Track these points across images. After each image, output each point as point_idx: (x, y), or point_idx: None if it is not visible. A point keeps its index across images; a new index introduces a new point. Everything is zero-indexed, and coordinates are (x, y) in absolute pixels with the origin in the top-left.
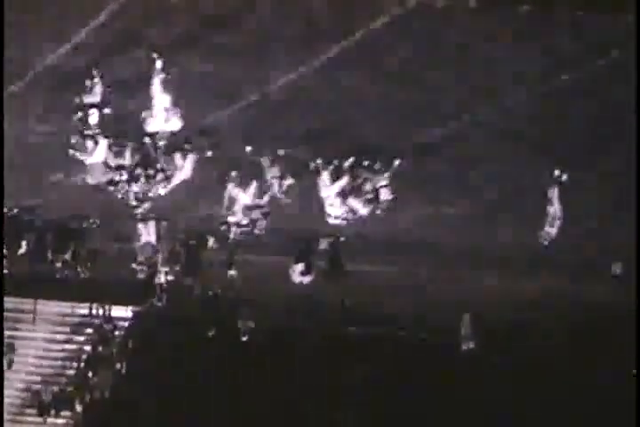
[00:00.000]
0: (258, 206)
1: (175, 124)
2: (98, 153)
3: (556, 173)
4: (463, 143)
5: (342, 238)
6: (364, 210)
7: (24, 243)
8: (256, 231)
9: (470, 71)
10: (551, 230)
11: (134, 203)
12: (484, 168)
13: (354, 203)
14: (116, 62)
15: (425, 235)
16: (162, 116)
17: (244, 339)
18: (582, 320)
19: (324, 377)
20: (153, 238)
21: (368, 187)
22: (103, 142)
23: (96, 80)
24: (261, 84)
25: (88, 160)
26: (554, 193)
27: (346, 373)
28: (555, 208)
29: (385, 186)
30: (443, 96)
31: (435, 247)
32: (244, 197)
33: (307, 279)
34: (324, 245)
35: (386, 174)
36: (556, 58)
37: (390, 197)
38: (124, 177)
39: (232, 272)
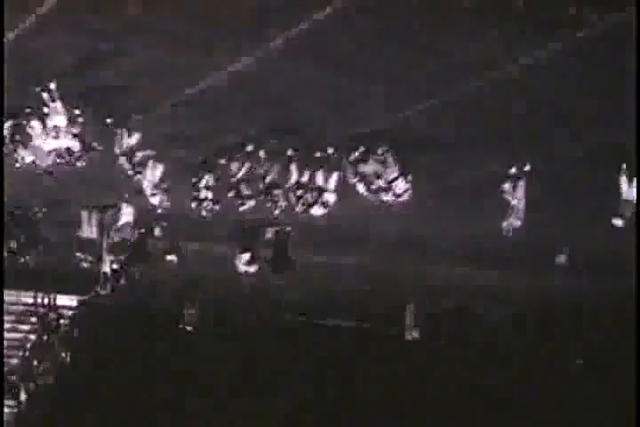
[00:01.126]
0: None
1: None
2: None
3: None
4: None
5: (288, 228)
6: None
7: None
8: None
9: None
10: (515, 222)
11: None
12: (444, 155)
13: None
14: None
15: (370, 224)
16: None
17: (189, 328)
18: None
19: (265, 366)
20: (94, 232)
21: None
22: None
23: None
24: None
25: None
26: (518, 185)
27: (287, 362)
28: (518, 199)
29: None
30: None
31: (380, 236)
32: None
33: (252, 269)
34: (269, 234)
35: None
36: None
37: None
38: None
39: (171, 257)
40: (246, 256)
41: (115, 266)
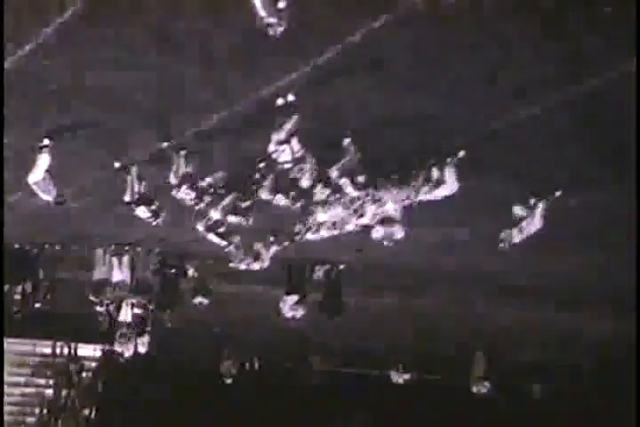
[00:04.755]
0: None
1: None
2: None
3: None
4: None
5: (341, 266)
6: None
7: None
8: None
9: None
10: (515, 233)
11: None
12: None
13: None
14: None
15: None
16: None
17: (229, 382)
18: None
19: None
20: (126, 275)
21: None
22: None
23: None
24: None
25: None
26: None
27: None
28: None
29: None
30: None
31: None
32: None
33: (299, 313)
34: (319, 273)
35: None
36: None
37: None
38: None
39: (200, 299)
40: (293, 299)
41: (137, 310)
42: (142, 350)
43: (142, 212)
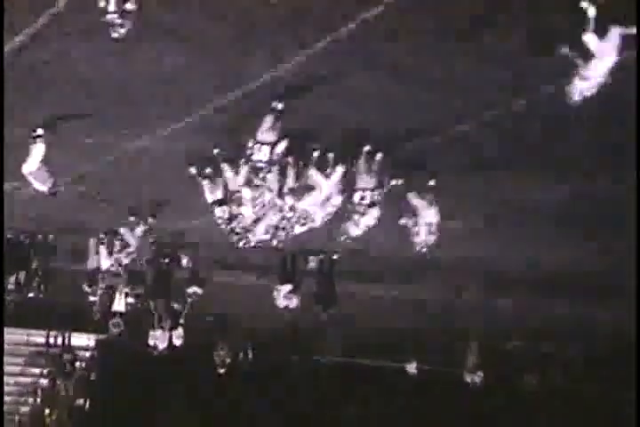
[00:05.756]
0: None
1: None
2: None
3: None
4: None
5: (334, 256)
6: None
7: None
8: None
9: None
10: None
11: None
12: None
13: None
14: None
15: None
16: None
17: (221, 371)
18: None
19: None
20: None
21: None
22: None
23: None
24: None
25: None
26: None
27: (338, 410)
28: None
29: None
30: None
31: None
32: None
33: (293, 303)
34: (313, 263)
35: None
36: None
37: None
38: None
39: (194, 289)
40: (286, 288)
41: (131, 300)
42: (177, 342)
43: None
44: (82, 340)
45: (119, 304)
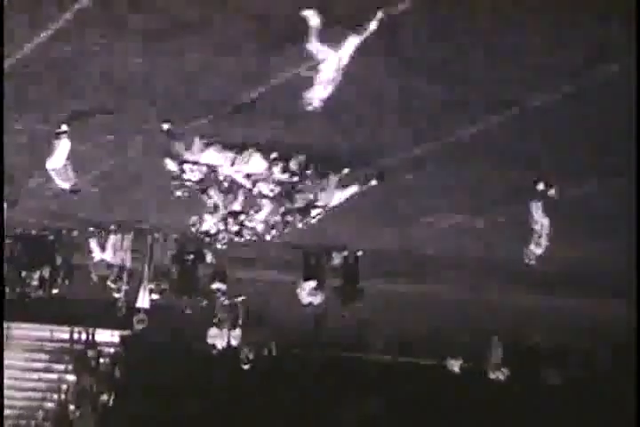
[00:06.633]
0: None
1: None
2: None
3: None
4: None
5: (359, 253)
6: None
7: None
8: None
9: None
10: (536, 249)
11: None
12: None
13: None
14: None
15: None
16: None
17: (246, 367)
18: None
19: (333, 411)
20: (109, 255)
21: None
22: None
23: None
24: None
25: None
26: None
27: (358, 407)
28: (540, 225)
29: None
30: None
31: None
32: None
33: (317, 299)
34: (337, 260)
35: None
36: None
37: None
38: None
39: (218, 285)
40: (311, 285)
41: (155, 296)
42: (234, 342)
43: None
44: (106, 336)
45: (143, 300)
